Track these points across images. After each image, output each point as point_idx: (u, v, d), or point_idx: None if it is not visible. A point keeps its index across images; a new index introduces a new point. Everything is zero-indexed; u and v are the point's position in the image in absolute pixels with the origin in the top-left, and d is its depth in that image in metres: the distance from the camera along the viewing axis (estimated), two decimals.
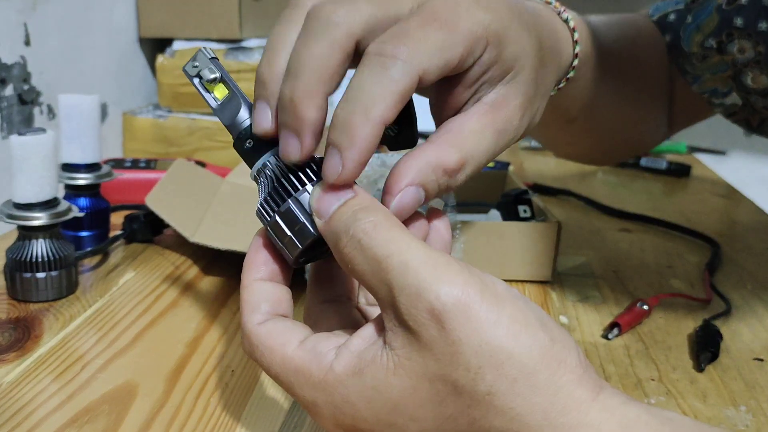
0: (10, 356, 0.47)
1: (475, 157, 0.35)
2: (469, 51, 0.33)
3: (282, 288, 0.34)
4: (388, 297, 0.28)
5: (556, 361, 0.27)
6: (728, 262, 0.69)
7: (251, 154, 0.34)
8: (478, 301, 0.27)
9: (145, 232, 0.68)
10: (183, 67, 0.34)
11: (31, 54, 0.77)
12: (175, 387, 0.44)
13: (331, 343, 0.30)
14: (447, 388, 0.27)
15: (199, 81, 0.34)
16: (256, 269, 0.33)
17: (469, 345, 0.26)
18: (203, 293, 0.58)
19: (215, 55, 0.35)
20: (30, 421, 0.40)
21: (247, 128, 0.34)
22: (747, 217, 0.86)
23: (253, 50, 0.97)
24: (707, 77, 0.64)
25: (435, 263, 0.28)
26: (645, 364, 0.49)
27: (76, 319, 0.52)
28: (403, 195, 0.32)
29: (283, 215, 0.32)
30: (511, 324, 0.27)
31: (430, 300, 0.27)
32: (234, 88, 0.34)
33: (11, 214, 0.53)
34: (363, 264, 0.29)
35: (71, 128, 0.62)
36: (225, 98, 0.34)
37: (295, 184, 0.32)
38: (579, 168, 1.13)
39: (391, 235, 0.29)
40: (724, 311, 0.57)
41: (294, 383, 0.30)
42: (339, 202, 0.30)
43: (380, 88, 0.30)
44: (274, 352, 0.31)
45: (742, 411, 0.44)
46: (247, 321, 0.32)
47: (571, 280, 0.64)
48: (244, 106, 0.34)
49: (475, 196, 0.76)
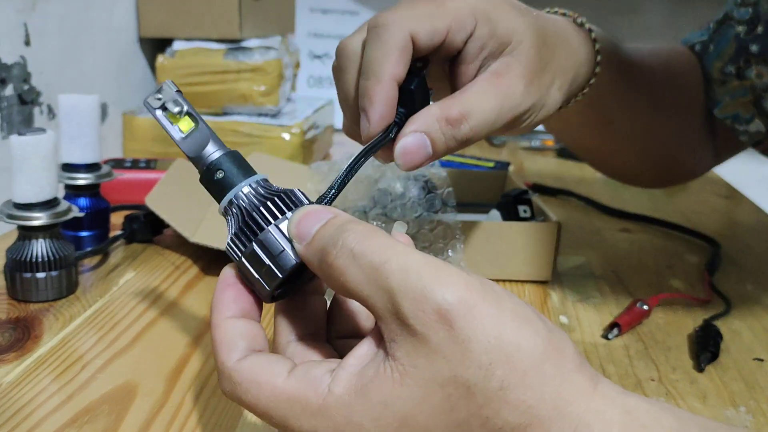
0: (9, 356, 0.47)
1: (476, 113, 0.40)
2: (457, 24, 0.40)
3: (255, 324, 0.32)
4: (388, 304, 0.27)
5: (557, 350, 0.27)
6: (728, 262, 0.69)
7: (219, 187, 0.33)
8: (481, 299, 0.27)
9: (145, 232, 0.68)
10: (144, 99, 0.34)
11: (31, 54, 0.77)
12: (175, 387, 0.44)
13: (324, 367, 0.29)
14: (459, 391, 0.27)
15: (162, 113, 0.34)
16: (227, 307, 0.32)
17: (478, 342, 0.26)
18: (203, 293, 0.58)
19: (179, 89, 0.34)
20: (30, 421, 0.40)
21: (214, 161, 0.33)
22: (747, 217, 0.86)
23: (253, 50, 0.97)
24: (727, 101, 0.66)
25: (434, 265, 0.27)
26: (645, 365, 0.49)
27: (76, 319, 0.52)
28: (407, 138, 0.39)
29: (261, 243, 0.31)
30: (513, 318, 0.27)
31: (437, 301, 0.26)
32: (200, 120, 0.34)
33: (11, 214, 0.53)
34: (357, 273, 0.28)
35: (71, 128, 0.62)
36: (190, 131, 0.34)
37: (266, 217, 0.31)
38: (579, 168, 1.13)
39: (383, 241, 0.28)
40: (724, 311, 0.57)
41: (289, 415, 0.29)
42: (320, 222, 0.30)
43: (379, 52, 0.38)
44: (261, 386, 0.29)
45: (741, 411, 0.44)
46: (225, 360, 0.30)
47: (571, 280, 0.64)
48: (212, 140, 0.34)
49: (475, 196, 0.76)
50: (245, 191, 0.33)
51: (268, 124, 0.95)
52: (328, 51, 1.41)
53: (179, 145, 0.34)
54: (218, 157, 0.33)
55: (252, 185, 0.33)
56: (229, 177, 0.33)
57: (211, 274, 0.62)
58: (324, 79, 1.41)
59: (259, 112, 0.98)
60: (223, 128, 0.95)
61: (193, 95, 0.96)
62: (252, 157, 0.87)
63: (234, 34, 0.97)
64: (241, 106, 0.97)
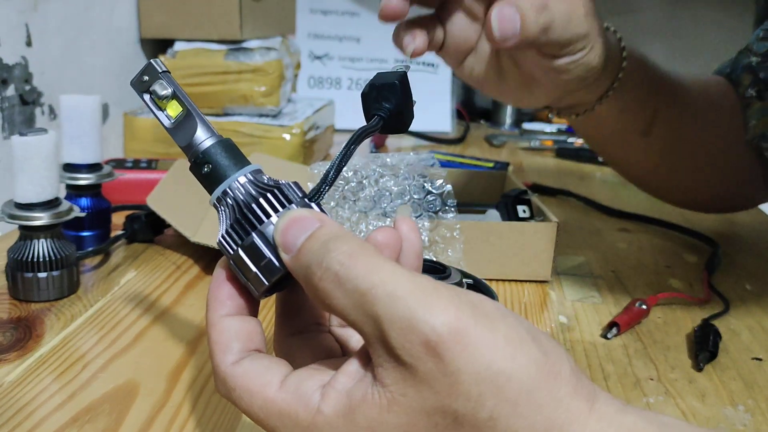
0: (11, 356, 0.47)
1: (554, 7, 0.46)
2: None
3: (251, 321, 0.32)
4: (375, 331, 0.26)
5: (552, 375, 0.27)
6: (727, 262, 0.70)
7: (211, 178, 0.31)
8: (473, 325, 0.26)
9: (146, 232, 0.68)
10: (131, 81, 0.31)
11: (32, 54, 0.77)
12: (175, 386, 0.44)
13: (315, 382, 0.29)
14: (446, 420, 0.26)
15: (150, 97, 0.31)
16: (222, 305, 0.32)
17: (467, 374, 0.25)
18: (204, 293, 0.58)
19: (167, 69, 0.32)
20: (31, 421, 0.40)
21: (205, 150, 0.31)
22: (746, 217, 0.86)
23: (254, 51, 0.97)
24: (753, 123, 0.67)
25: (423, 290, 0.26)
26: (644, 364, 0.49)
27: (77, 319, 0.52)
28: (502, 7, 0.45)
29: (247, 250, 0.30)
30: (506, 345, 0.26)
31: (425, 332, 0.25)
32: (188, 105, 0.31)
33: (13, 214, 0.53)
34: (342, 298, 0.27)
35: (72, 128, 0.62)
36: (179, 116, 0.31)
37: (258, 215, 0.30)
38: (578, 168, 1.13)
39: (370, 263, 0.27)
40: (723, 311, 0.57)
41: (280, 427, 0.29)
42: (305, 234, 0.29)
43: None
44: (253, 396, 0.29)
45: (740, 410, 0.44)
46: (220, 362, 0.30)
47: (570, 280, 0.64)
48: (201, 126, 0.31)
49: (475, 196, 0.76)
50: (238, 182, 0.31)
51: (269, 125, 0.95)
52: (328, 51, 1.41)
53: (169, 133, 0.32)
54: (208, 146, 0.31)
55: (247, 176, 0.31)
56: (220, 168, 0.31)
57: (212, 273, 0.62)
58: (324, 80, 1.41)
59: (259, 113, 0.98)
60: (223, 129, 0.95)
61: (194, 96, 0.96)
62: (252, 157, 0.87)
63: (235, 35, 0.98)
64: (241, 106, 0.97)
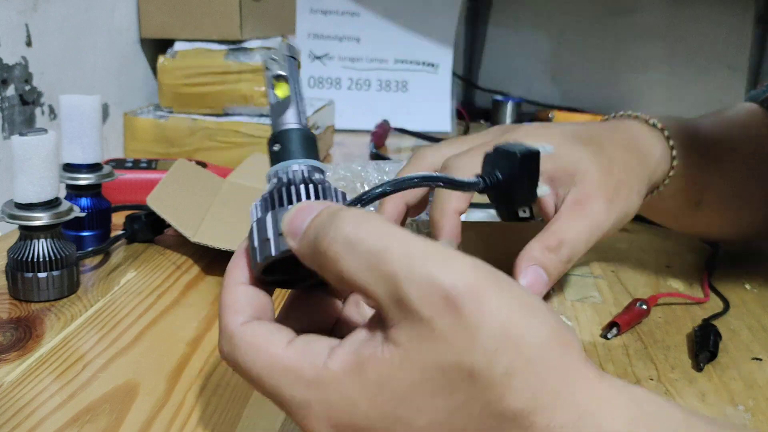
0: (11, 356, 0.47)
1: (569, 239, 0.48)
2: None
3: (264, 295, 0.32)
4: (390, 290, 0.27)
5: (564, 341, 0.27)
6: (727, 262, 0.70)
7: (275, 156, 0.34)
8: (490, 285, 0.27)
9: (146, 232, 0.68)
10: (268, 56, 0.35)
11: (32, 54, 0.77)
12: (176, 386, 0.44)
13: (324, 343, 0.29)
14: (461, 375, 0.26)
15: (270, 74, 0.34)
16: (241, 272, 0.32)
17: (485, 328, 0.26)
18: (204, 293, 0.58)
19: (294, 54, 0.35)
20: (31, 421, 0.40)
21: (282, 131, 0.34)
22: None
23: (254, 51, 0.97)
24: None
25: (439, 251, 0.27)
26: (644, 364, 0.49)
27: (77, 319, 0.52)
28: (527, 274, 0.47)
29: (258, 223, 0.31)
30: (522, 306, 0.27)
31: (445, 287, 0.26)
32: (292, 92, 0.34)
33: (12, 214, 0.53)
34: (354, 261, 0.27)
35: (72, 128, 0.62)
36: (284, 98, 0.34)
37: (283, 199, 0.32)
38: None
39: (382, 227, 0.28)
40: (723, 311, 0.57)
41: (282, 383, 0.29)
42: (312, 214, 0.30)
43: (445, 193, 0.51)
44: (260, 352, 0.29)
45: (740, 410, 0.44)
46: (228, 322, 0.31)
47: (570, 280, 0.64)
48: (291, 111, 0.34)
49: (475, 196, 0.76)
50: (292, 168, 0.33)
51: (269, 125, 0.95)
52: (328, 52, 1.41)
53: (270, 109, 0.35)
54: (286, 129, 0.34)
55: (302, 167, 0.33)
56: (286, 152, 0.34)
57: (213, 273, 0.62)
58: (324, 80, 1.41)
59: (260, 113, 0.98)
60: (223, 129, 0.95)
61: (194, 96, 0.97)
62: (252, 157, 0.87)
63: (235, 35, 0.98)
64: (241, 106, 0.97)
